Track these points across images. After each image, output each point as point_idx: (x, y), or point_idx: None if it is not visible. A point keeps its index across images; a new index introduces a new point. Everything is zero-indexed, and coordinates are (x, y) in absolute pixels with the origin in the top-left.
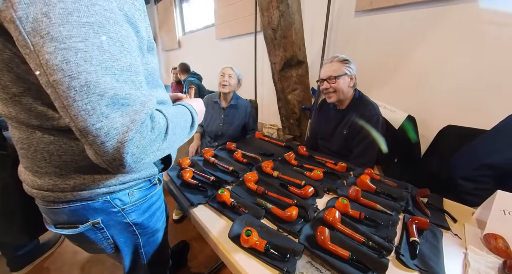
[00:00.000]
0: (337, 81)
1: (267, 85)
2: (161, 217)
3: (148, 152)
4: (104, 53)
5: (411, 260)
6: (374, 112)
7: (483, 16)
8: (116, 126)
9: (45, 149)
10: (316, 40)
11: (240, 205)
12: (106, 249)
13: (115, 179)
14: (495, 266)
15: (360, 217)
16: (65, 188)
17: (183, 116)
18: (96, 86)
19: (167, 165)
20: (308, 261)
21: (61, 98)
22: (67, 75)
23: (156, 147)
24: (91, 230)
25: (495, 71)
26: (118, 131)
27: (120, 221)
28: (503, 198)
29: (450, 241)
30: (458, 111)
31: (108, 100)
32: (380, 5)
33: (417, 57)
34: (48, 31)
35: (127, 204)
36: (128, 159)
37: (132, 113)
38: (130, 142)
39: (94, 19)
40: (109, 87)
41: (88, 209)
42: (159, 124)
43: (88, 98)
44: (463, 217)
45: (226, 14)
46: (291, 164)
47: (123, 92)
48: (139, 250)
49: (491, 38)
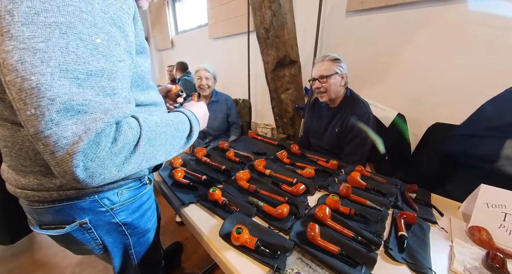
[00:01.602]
0: (328, 81)
1: (260, 85)
2: (151, 217)
3: (108, 166)
4: (67, 55)
5: (399, 253)
6: (365, 110)
7: (471, 17)
8: (67, 136)
9: (30, 148)
10: (309, 40)
11: (231, 204)
12: (94, 249)
13: None
14: (478, 257)
15: (350, 213)
16: (50, 187)
17: (175, 125)
18: (47, 89)
19: (158, 166)
20: (299, 257)
21: (14, 100)
22: (20, 76)
23: (120, 160)
24: (78, 231)
25: (482, 71)
26: (69, 141)
27: (108, 221)
28: (486, 192)
29: (437, 234)
30: (446, 109)
31: (60, 106)
32: (370, 5)
33: (406, 57)
34: (9, 29)
35: (116, 203)
36: (79, 173)
37: (88, 122)
38: (81, 154)
39: (63, 20)
40: (63, 92)
41: (74, 209)
42: (125, 135)
43: (37, 102)
44: (449, 211)
45: (219, 13)
46: (283, 162)
47: (81, 98)
48: (129, 251)
49: (477, 38)
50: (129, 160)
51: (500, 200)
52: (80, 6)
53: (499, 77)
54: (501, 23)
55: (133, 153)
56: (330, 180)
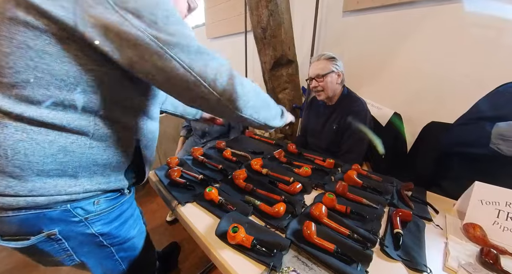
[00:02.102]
0: (325, 79)
1: (258, 85)
2: (135, 224)
3: (244, 99)
4: (192, 47)
5: (394, 251)
6: (362, 108)
7: (467, 17)
8: (224, 70)
9: (12, 146)
10: (306, 39)
11: (228, 203)
12: (64, 261)
13: (79, 187)
14: (473, 253)
15: (346, 211)
16: (19, 191)
17: (269, 101)
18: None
19: (138, 181)
20: (295, 255)
21: (191, 69)
22: (201, 64)
23: (251, 95)
24: (45, 242)
25: (477, 70)
26: (227, 69)
27: (82, 232)
28: (480, 189)
29: (432, 231)
30: (442, 108)
31: (210, 56)
32: (366, 5)
33: (402, 57)
34: (175, 45)
35: (92, 213)
36: (238, 89)
37: (227, 67)
38: (237, 77)
39: (190, 32)
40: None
41: (42, 218)
42: (244, 81)
43: (202, 59)
44: (444, 209)
45: (217, 13)
46: (280, 161)
47: (211, 52)
48: (112, 257)
49: (473, 38)
50: (253, 97)
51: (494, 197)
52: (183, 23)
53: (494, 76)
54: (497, 23)
55: (256, 96)
56: (327, 178)
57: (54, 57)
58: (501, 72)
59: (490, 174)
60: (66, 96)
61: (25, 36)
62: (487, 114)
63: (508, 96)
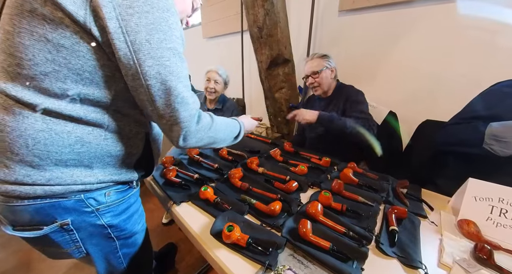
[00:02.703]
0: (320, 75)
1: (254, 84)
2: (139, 220)
3: (192, 136)
4: (178, 68)
5: (390, 248)
6: (356, 90)
7: (461, 18)
8: (181, 117)
9: (32, 136)
10: (302, 39)
11: (223, 202)
12: (72, 253)
13: (94, 177)
14: (467, 249)
15: (342, 209)
16: (37, 180)
17: (231, 126)
18: (174, 89)
19: (148, 172)
20: (291, 254)
21: (151, 95)
22: (159, 82)
23: (200, 135)
24: (57, 232)
25: (471, 70)
26: (181, 120)
27: (93, 222)
28: (474, 185)
29: (427, 228)
30: (436, 106)
31: (179, 100)
32: (361, 5)
33: (397, 56)
34: (149, 52)
35: (103, 204)
36: (180, 138)
37: (190, 110)
38: (185, 128)
39: (173, 45)
40: (180, 91)
41: (57, 208)
42: (204, 120)
43: (168, 97)
44: (439, 206)
45: (213, 13)
46: (276, 160)
47: (186, 94)
48: (116, 254)
49: (466, 38)
50: (203, 137)
51: (487, 193)
52: (176, 34)
53: (489, 75)
54: (491, 25)
55: (207, 132)
56: (323, 177)
57: (69, 51)
58: (495, 72)
59: (484, 173)
60: (82, 90)
61: (44, 30)
62: (480, 114)
63: (500, 95)
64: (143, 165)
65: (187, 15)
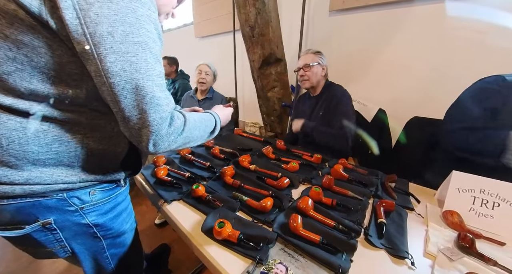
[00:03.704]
0: (311, 69)
1: (247, 84)
2: (128, 219)
3: (164, 140)
4: (147, 65)
5: (378, 239)
6: (343, 90)
7: (447, 18)
8: (150, 120)
9: (6, 135)
10: (294, 38)
11: (215, 199)
12: (58, 253)
13: (76, 177)
14: (451, 238)
15: (333, 204)
16: (15, 180)
17: (206, 121)
18: (142, 89)
19: (136, 171)
20: (281, 248)
21: (115, 95)
22: (123, 80)
23: (171, 138)
24: (39, 231)
25: (454, 68)
26: (150, 123)
27: (77, 221)
28: (458, 178)
29: (414, 220)
30: (423, 103)
31: (148, 100)
32: (351, 5)
33: (386, 55)
34: (112, 46)
35: (87, 203)
36: (150, 142)
37: (161, 112)
38: (155, 132)
39: (141, 39)
40: (149, 91)
41: (38, 207)
42: (175, 122)
43: (135, 97)
44: (426, 198)
45: (205, 12)
46: (268, 157)
47: (157, 95)
48: (103, 254)
49: (453, 37)
50: (176, 139)
51: (469, 184)
52: (147, 28)
53: (470, 73)
54: (476, 25)
55: (180, 135)
56: (314, 173)
57: (30, 47)
58: (478, 70)
59: (469, 164)
60: (50, 90)
61: (1, 25)
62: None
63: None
64: (130, 163)
65: (173, 6)
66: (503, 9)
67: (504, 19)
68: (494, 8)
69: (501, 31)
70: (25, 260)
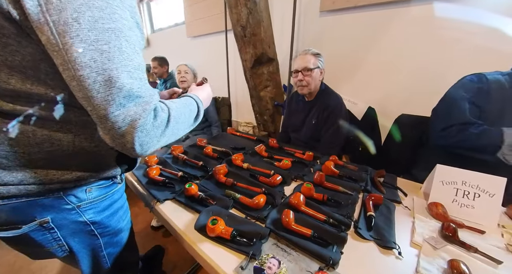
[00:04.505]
0: (311, 74)
1: (240, 84)
2: (124, 216)
3: (151, 137)
4: (122, 54)
5: (367, 232)
6: (338, 101)
7: (433, 18)
8: (131, 114)
9: None
10: (285, 38)
11: (208, 198)
12: (56, 252)
13: (71, 175)
14: (435, 229)
15: (324, 199)
16: (10, 181)
17: (188, 106)
18: (116, 81)
19: (131, 166)
20: (274, 243)
21: (86, 90)
22: (94, 71)
23: (159, 133)
24: (37, 231)
25: (440, 67)
26: (132, 118)
27: (74, 220)
28: (441, 171)
29: (401, 212)
30: (411, 101)
31: (125, 93)
32: (341, 5)
33: (375, 54)
34: (78, 34)
35: (84, 200)
36: (136, 142)
37: (143, 104)
38: (139, 128)
39: (115, 26)
40: (126, 82)
41: (34, 206)
42: (160, 114)
43: (109, 91)
44: (413, 192)
45: (196, 11)
46: (261, 155)
47: (136, 86)
48: (100, 253)
49: (438, 37)
50: (164, 132)
51: (452, 177)
52: (121, 13)
53: (457, 72)
54: (462, 25)
55: (167, 127)
56: (306, 170)
57: (0, 46)
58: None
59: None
60: (31, 90)
61: None
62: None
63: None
64: (125, 158)
65: None
66: (488, 9)
67: (488, 19)
68: (478, 8)
69: (486, 32)
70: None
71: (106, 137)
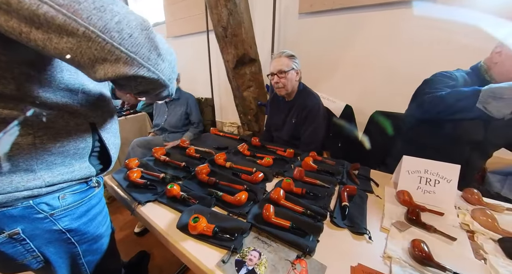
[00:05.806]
0: (286, 76)
1: (223, 85)
2: (103, 222)
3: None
4: None
5: (342, 220)
6: (316, 101)
7: (407, 20)
8: (131, 18)
9: None
10: (266, 39)
11: (190, 197)
12: (30, 264)
13: (40, 180)
14: (402, 214)
15: (302, 192)
16: None
17: None
18: None
19: (106, 166)
20: (255, 236)
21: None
22: None
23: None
24: (6, 243)
25: (412, 66)
26: (136, 18)
27: (48, 228)
28: (407, 161)
29: (373, 201)
30: (385, 99)
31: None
32: (318, 8)
33: (351, 55)
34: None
35: (57, 208)
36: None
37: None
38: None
39: None
40: None
41: (2, 218)
42: None
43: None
44: (384, 182)
45: (177, 11)
46: (244, 154)
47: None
48: (78, 261)
49: (411, 38)
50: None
51: (417, 166)
52: None
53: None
54: (433, 24)
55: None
56: (287, 166)
57: None
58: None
59: None
60: None
61: None
62: None
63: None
64: (99, 157)
65: None
66: (460, 6)
67: (460, 17)
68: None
69: (457, 30)
70: None
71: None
